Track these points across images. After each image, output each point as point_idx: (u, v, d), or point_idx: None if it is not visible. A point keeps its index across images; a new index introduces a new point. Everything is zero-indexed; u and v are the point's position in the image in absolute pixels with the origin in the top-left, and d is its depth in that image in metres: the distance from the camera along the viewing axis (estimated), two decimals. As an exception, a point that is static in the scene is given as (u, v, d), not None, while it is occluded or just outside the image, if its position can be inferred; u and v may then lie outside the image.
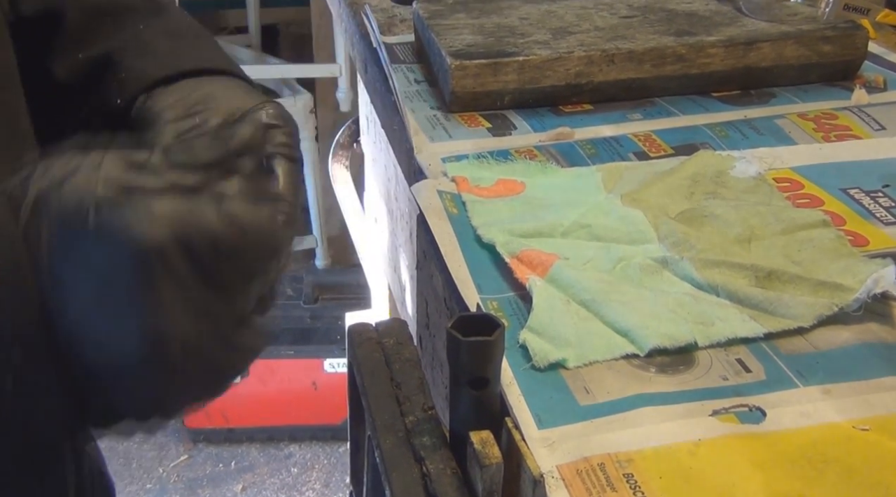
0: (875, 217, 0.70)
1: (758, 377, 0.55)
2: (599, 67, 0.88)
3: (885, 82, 0.93)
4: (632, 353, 0.57)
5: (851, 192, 0.73)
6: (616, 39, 0.90)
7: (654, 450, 0.50)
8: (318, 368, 2.28)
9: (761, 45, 0.90)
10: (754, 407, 0.53)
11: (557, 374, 0.56)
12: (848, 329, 0.59)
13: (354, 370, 0.59)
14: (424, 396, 0.55)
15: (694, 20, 0.94)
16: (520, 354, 0.57)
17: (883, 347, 0.57)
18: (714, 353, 0.57)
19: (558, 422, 0.52)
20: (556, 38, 0.90)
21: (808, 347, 0.57)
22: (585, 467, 0.49)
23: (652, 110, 0.88)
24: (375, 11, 1.09)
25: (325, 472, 2.32)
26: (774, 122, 0.84)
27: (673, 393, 0.54)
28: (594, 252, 0.66)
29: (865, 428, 0.51)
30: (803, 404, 0.53)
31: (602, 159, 0.79)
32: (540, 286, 0.62)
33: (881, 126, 0.83)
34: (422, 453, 0.51)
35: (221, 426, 2.35)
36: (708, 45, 0.89)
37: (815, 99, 0.90)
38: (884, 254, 0.65)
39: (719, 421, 0.52)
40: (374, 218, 1.35)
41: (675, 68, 0.89)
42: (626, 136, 0.83)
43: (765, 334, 0.58)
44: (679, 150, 0.80)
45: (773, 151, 0.80)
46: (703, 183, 0.74)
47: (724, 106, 0.89)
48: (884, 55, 1.00)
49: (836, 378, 0.55)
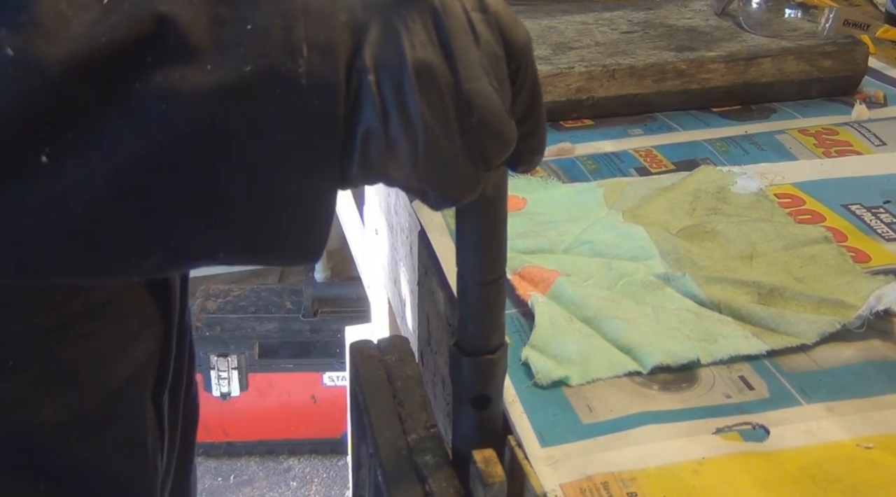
0: (876, 233, 0.70)
1: (761, 395, 0.55)
2: (600, 83, 0.88)
3: (885, 98, 0.93)
4: (634, 370, 0.57)
5: (853, 207, 0.74)
6: (616, 55, 0.90)
7: (658, 468, 0.50)
8: (317, 382, 2.27)
9: (762, 60, 0.90)
10: (758, 425, 0.53)
11: (560, 392, 0.55)
12: (851, 346, 0.59)
13: (356, 387, 0.59)
14: (426, 414, 0.55)
15: (694, 35, 0.95)
16: (522, 372, 0.57)
17: (886, 365, 0.57)
18: (717, 371, 0.57)
19: (561, 440, 0.52)
20: (557, 54, 0.90)
21: (811, 365, 0.57)
22: (589, 486, 0.49)
23: (653, 126, 0.89)
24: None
25: (324, 485, 2.32)
26: (775, 138, 0.85)
27: (676, 411, 0.54)
28: (596, 268, 0.66)
29: (869, 446, 0.51)
30: (807, 422, 0.53)
31: (603, 175, 0.79)
32: (542, 303, 0.62)
33: (882, 141, 0.83)
34: (424, 472, 0.50)
35: (220, 440, 2.34)
36: (708, 60, 0.89)
37: (816, 114, 0.90)
38: (886, 270, 0.65)
39: (722, 439, 0.52)
40: (374, 230, 1.35)
41: (676, 83, 0.89)
42: (627, 151, 0.83)
43: (767, 351, 0.58)
44: (680, 166, 0.81)
45: (774, 167, 0.80)
46: (704, 199, 0.74)
47: (725, 121, 0.89)
48: (884, 70, 1.00)
49: (839, 396, 0.55)
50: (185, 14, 0.31)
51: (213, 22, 0.32)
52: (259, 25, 0.32)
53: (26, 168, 0.31)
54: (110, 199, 0.33)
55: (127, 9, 0.31)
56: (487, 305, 0.47)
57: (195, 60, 0.31)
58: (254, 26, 0.32)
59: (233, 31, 0.32)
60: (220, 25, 0.32)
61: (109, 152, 0.32)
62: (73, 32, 0.30)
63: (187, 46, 0.31)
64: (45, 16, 0.30)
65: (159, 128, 0.32)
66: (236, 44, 0.32)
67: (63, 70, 0.30)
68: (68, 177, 0.32)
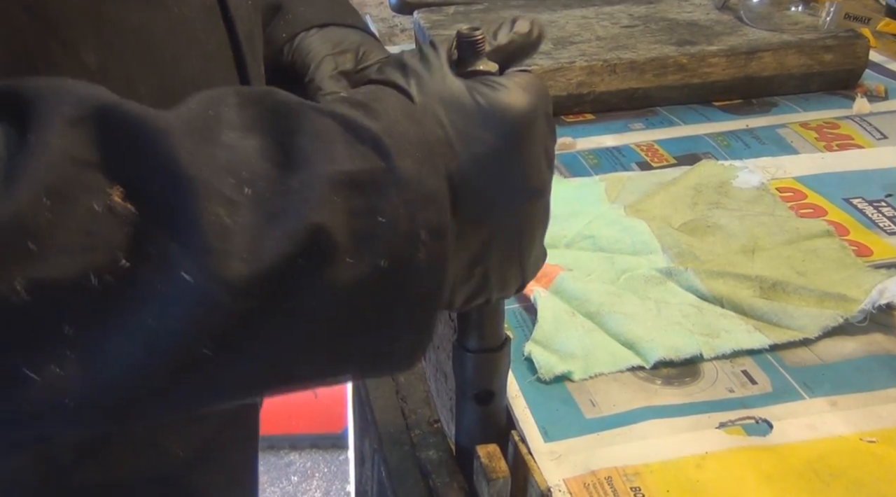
0: (878, 226, 0.70)
1: (764, 389, 0.55)
2: (601, 77, 0.88)
3: (886, 91, 0.93)
4: (637, 365, 0.57)
5: (854, 201, 0.73)
6: (617, 49, 0.90)
7: (661, 463, 0.50)
8: (318, 377, 2.27)
9: (762, 54, 0.90)
10: (761, 419, 0.53)
11: (563, 387, 0.55)
12: (853, 340, 0.59)
13: (359, 383, 0.59)
14: (430, 410, 0.55)
15: (695, 29, 0.95)
16: (525, 367, 0.57)
17: (889, 358, 0.57)
18: (720, 365, 0.57)
19: (565, 435, 0.52)
20: (558, 48, 0.90)
21: (814, 359, 0.57)
22: (592, 481, 0.49)
23: (654, 120, 0.88)
24: (376, 21, 1.09)
25: (325, 480, 2.32)
26: (776, 132, 0.84)
27: (679, 405, 0.54)
28: (598, 263, 0.66)
29: (872, 440, 0.51)
30: (810, 416, 0.53)
31: (605, 169, 0.79)
32: (544, 298, 0.62)
33: (883, 135, 0.83)
34: (428, 467, 0.50)
35: (221, 435, 2.34)
36: (709, 54, 0.89)
37: (817, 108, 0.90)
38: (888, 264, 0.65)
39: (726, 433, 0.52)
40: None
41: (677, 78, 0.89)
42: (629, 145, 0.83)
43: (770, 346, 0.58)
44: (681, 160, 0.80)
45: (775, 161, 0.80)
46: (706, 193, 0.74)
47: (726, 115, 0.89)
48: (885, 64, 1.00)
49: (842, 389, 0.55)
50: (333, 219, 0.35)
51: (349, 215, 0.35)
52: (388, 216, 0.36)
53: (191, 364, 0.35)
54: (263, 383, 0.38)
55: (283, 223, 0.34)
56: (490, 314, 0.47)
57: (337, 257, 0.35)
58: (384, 217, 0.36)
59: (366, 223, 0.35)
60: (355, 217, 0.35)
61: (267, 347, 0.36)
62: (239, 252, 0.33)
63: (333, 246, 0.35)
64: (212, 234, 0.33)
65: (307, 321, 0.36)
66: (370, 236, 0.35)
67: (234, 294, 0.33)
68: (227, 369, 0.36)
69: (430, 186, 0.36)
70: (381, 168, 0.36)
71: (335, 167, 0.35)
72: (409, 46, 1.03)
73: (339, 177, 0.35)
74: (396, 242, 0.36)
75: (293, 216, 0.34)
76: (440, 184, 0.37)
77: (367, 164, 0.35)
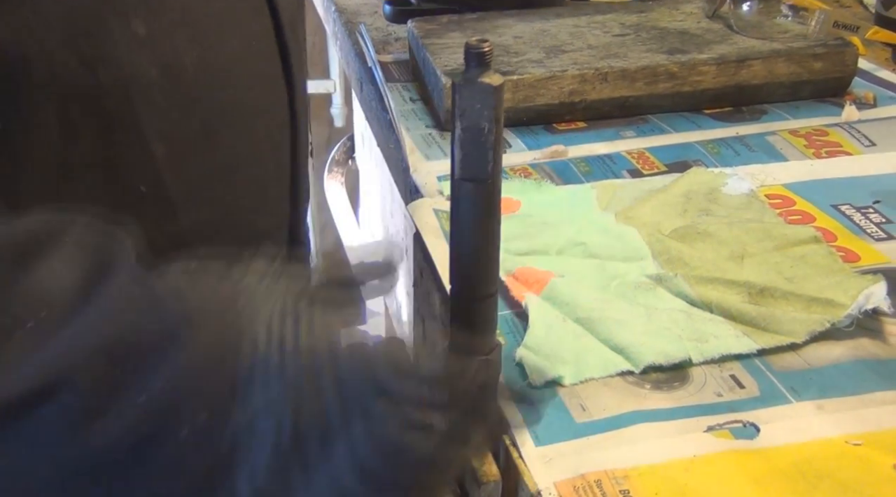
0: (866, 233, 0.71)
1: (751, 393, 0.56)
2: (593, 85, 0.89)
3: (874, 99, 0.94)
4: (627, 370, 0.57)
5: (842, 208, 0.74)
6: (609, 57, 0.91)
7: (650, 466, 0.50)
8: (313, 384, 2.27)
9: (752, 62, 0.91)
10: (748, 423, 0.53)
11: (554, 392, 0.56)
12: (840, 345, 0.59)
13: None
14: (422, 414, 0.55)
15: (686, 38, 0.96)
16: (517, 372, 0.58)
17: (875, 363, 0.58)
18: (708, 370, 0.58)
19: (555, 439, 0.53)
20: (550, 57, 0.91)
21: (801, 363, 0.58)
22: (582, 484, 0.49)
23: (645, 128, 0.89)
24: (370, 30, 1.10)
25: None
26: (766, 139, 0.85)
27: (668, 409, 0.54)
28: (589, 270, 0.67)
29: (858, 443, 0.52)
30: (797, 420, 0.54)
31: (596, 177, 0.80)
32: (536, 304, 0.62)
33: (871, 142, 0.84)
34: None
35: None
36: (700, 62, 0.90)
37: (806, 115, 0.91)
38: (875, 269, 0.66)
39: (714, 437, 0.52)
40: (370, 233, 1.36)
41: (668, 86, 0.90)
42: (620, 153, 0.84)
43: (758, 350, 0.59)
44: (672, 168, 0.81)
45: (764, 168, 0.80)
46: (695, 200, 0.75)
47: (716, 123, 0.90)
48: (873, 72, 1.01)
49: (828, 393, 0.55)
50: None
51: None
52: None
53: None
54: None
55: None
56: (481, 316, 0.48)
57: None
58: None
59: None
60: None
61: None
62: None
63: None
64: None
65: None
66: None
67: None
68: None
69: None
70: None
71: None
72: (404, 56, 1.04)
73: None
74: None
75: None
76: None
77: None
